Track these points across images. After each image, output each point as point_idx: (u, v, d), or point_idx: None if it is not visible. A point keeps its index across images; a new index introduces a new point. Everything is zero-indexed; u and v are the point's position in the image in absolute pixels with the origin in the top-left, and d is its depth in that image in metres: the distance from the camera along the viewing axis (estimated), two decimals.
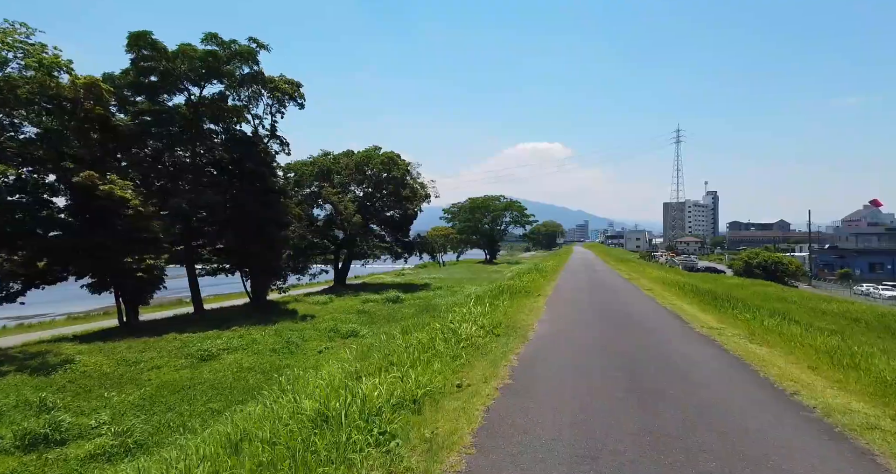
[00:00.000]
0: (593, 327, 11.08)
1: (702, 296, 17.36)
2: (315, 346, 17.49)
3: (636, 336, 9.92)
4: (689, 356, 8.03)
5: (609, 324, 11.66)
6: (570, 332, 10.31)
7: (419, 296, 33.17)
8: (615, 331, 10.62)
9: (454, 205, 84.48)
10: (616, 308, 14.96)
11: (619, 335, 10.03)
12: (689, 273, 48.54)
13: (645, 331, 10.65)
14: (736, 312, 12.69)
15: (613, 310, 14.29)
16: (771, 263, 45.15)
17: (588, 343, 9.17)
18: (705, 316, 13.04)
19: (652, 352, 8.34)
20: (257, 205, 23.56)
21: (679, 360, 7.69)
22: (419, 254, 43.68)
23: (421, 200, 39.85)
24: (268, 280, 26.78)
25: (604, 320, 12.24)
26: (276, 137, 25.27)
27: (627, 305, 15.64)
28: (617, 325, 11.39)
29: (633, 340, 9.41)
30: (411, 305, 28.44)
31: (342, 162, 38.52)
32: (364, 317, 23.88)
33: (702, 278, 34.40)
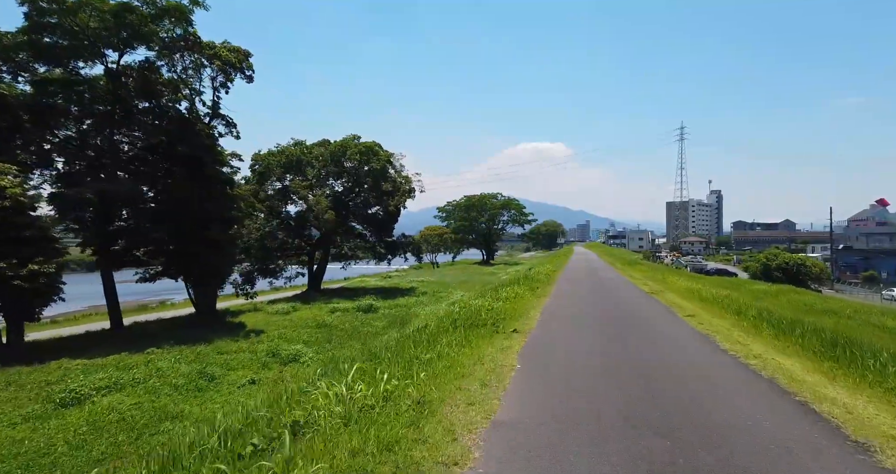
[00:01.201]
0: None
1: (791, 331, 9.04)
2: (240, 378, 13.40)
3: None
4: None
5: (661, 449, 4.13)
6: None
7: (399, 303, 29.10)
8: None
9: (449, 203, 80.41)
10: (661, 378, 6.41)
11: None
12: (702, 276, 44.48)
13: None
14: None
15: (657, 388, 5.94)
16: (792, 265, 40.96)
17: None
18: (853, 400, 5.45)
19: None
20: (196, 198, 19.53)
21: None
22: (403, 255, 39.57)
23: (405, 195, 35.72)
24: (214, 286, 22.70)
25: (644, 428, 4.61)
26: (220, 116, 21.17)
27: (680, 368, 7.02)
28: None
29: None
30: (385, 316, 24.40)
31: (316, 152, 34.43)
32: (322, 332, 19.79)
33: (720, 283, 30.27)
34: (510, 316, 11.87)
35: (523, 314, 12.53)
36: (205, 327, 20.02)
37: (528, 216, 79.24)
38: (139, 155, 19.80)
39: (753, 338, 9.27)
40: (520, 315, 12.28)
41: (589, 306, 14.78)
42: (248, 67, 20.82)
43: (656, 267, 42.82)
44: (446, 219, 79.79)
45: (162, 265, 20.81)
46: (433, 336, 8.82)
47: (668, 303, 15.53)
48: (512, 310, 12.89)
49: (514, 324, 10.73)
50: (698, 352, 8.26)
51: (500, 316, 11.56)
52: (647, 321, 11.83)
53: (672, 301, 15.94)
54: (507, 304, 13.81)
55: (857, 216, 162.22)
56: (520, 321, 11.29)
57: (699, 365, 7.25)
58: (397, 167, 36.59)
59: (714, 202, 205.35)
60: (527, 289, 18.65)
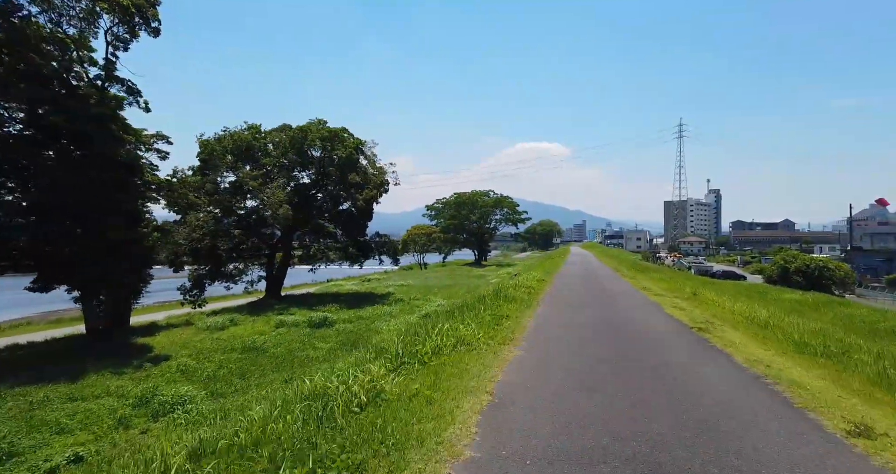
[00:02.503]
0: None
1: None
2: (61, 450, 8.80)
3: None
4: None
5: None
6: None
7: (363, 314, 24.52)
8: None
9: (438, 201, 75.85)
10: None
11: None
12: (714, 280, 40.17)
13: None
14: None
15: None
16: (813, 268, 36.66)
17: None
18: None
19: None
20: (85, 188, 14.93)
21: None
22: (378, 257, 34.98)
23: (377, 189, 31.13)
24: (118, 298, 18.03)
25: None
26: (117, 80, 16.48)
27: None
28: None
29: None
30: (339, 332, 19.83)
31: (273, 138, 29.78)
32: (246, 359, 15.18)
33: (743, 291, 25.89)
34: (469, 364, 5.99)
35: (493, 358, 6.64)
36: (94, 353, 15.41)
37: (521, 214, 74.74)
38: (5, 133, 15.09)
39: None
40: (488, 362, 6.39)
41: (592, 352, 7.66)
42: (154, 17, 16.16)
43: (673, 273, 36.76)
44: (435, 218, 75.30)
45: (42, 272, 16.14)
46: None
47: (721, 345, 8.08)
48: (470, 364, 6.39)
49: (479, 372, 5.29)
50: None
51: (453, 367, 5.79)
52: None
53: (758, 357, 7.49)
54: (420, 379, 5.95)
55: (857, 216, 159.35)
56: (486, 368, 5.80)
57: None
58: (369, 155, 32.04)
59: (713, 202, 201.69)
60: (490, 318, 10.48)
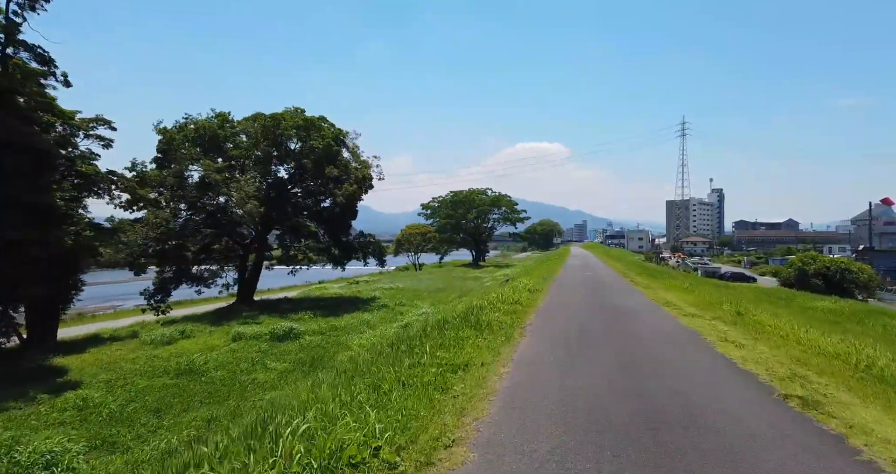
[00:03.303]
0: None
1: None
2: None
3: None
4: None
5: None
6: None
7: (338, 323, 21.78)
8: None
9: (434, 200, 73.11)
10: None
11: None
12: (716, 281, 37.47)
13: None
14: None
15: None
16: (835, 271, 33.87)
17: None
18: None
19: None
20: None
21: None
22: (362, 258, 32.24)
23: (359, 184, 28.35)
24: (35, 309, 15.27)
25: None
26: (25, 47, 13.72)
27: None
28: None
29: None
30: (300, 348, 17.08)
31: (245, 128, 27.02)
32: (171, 387, 12.42)
33: (764, 296, 23.16)
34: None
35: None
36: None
37: (520, 213, 71.97)
38: None
39: None
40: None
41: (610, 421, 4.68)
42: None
43: (690, 278, 30.31)
44: (431, 217, 72.55)
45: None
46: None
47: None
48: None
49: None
50: None
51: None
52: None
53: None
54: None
55: (862, 216, 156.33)
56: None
57: None
58: (351, 147, 29.31)
59: (715, 201, 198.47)
60: (434, 375, 5.97)
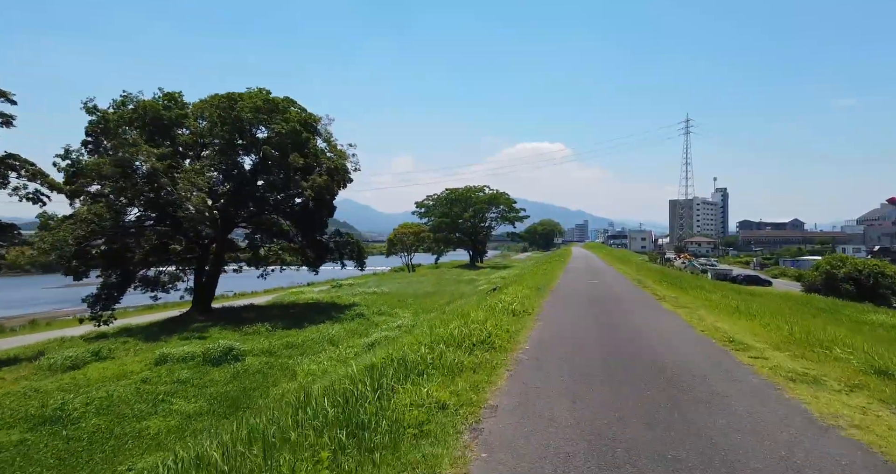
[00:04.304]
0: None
1: None
2: None
3: None
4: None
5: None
6: None
7: (296, 339, 18.26)
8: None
9: (429, 197, 69.58)
10: None
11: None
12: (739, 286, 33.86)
13: None
14: None
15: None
16: (867, 274, 30.30)
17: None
18: None
19: None
20: None
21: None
22: (339, 260, 28.73)
23: (333, 176, 24.80)
24: None
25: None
26: None
27: None
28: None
29: None
30: (231, 377, 13.56)
31: (200, 112, 23.48)
32: (9, 450, 8.93)
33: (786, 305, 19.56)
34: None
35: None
36: None
37: (518, 212, 68.40)
38: None
39: None
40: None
41: None
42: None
43: (720, 287, 23.50)
44: (425, 216, 69.01)
45: None
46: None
47: None
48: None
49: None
50: None
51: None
52: None
53: None
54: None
55: (868, 216, 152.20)
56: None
57: None
58: (323, 134, 25.79)
59: (719, 201, 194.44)
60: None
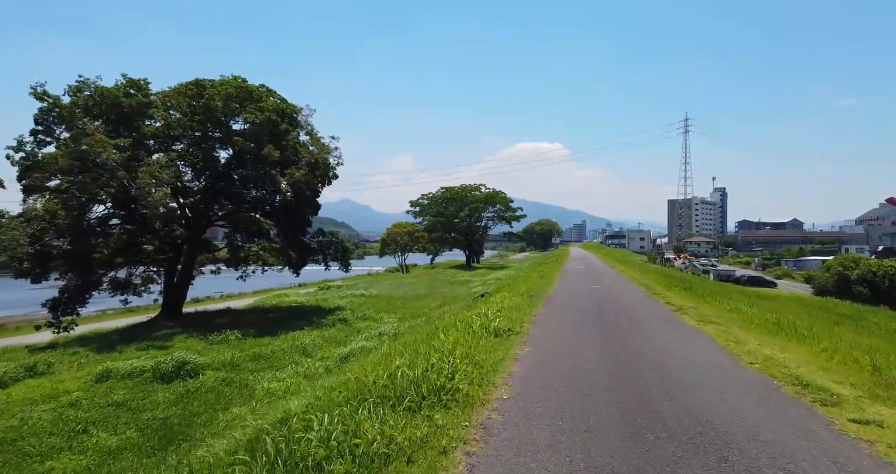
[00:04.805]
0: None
1: None
2: None
3: None
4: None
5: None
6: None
7: (266, 349, 16.43)
8: None
9: (424, 196, 67.76)
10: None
11: None
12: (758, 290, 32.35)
13: None
14: None
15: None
16: (882, 276, 28.66)
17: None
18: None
19: None
20: None
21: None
22: (323, 261, 26.92)
23: (313, 169, 22.97)
24: None
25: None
26: None
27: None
28: None
29: None
30: (177, 399, 11.70)
31: (169, 100, 21.61)
32: None
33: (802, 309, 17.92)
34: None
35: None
36: None
37: (515, 211, 66.65)
38: None
39: None
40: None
41: None
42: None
43: (740, 292, 22.28)
44: (420, 215, 67.23)
45: None
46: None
47: None
48: None
49: None
50: None
51: None
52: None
53: None
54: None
55: (867, 215, 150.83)
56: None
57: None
58: (304, 125, 23.96)
59: (718, 200, 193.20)
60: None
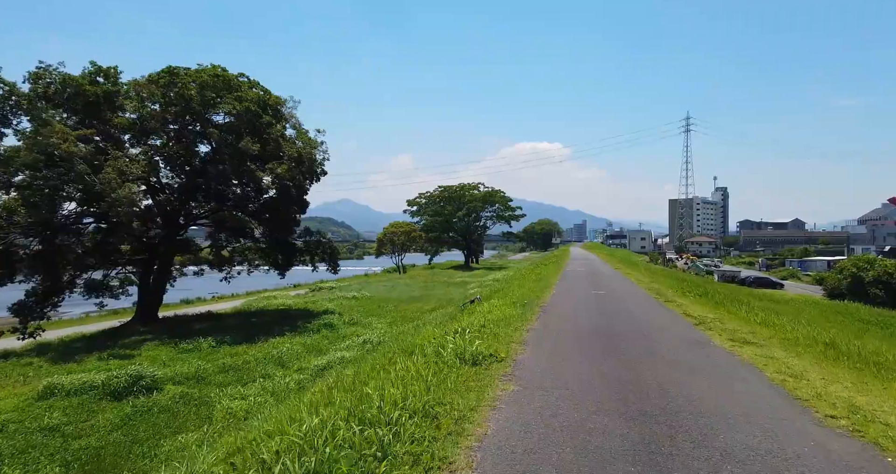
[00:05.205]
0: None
1: None
2: None
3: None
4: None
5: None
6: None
7: (237, 359, 15.01)
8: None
9: (421, 195, 66.30)
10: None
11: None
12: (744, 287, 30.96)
13: None
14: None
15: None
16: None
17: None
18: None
19: None
20: None
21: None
22: (311, 262, 25.50)
23: (299, 164, 21.55)
24: None
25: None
26: None
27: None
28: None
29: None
30: (123, 421, 10.24)
31: (142, 90, 20.16)
32: None
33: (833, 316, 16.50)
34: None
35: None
36: None
37: (514, 210, 65.18)
38: None
39: None
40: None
41: None
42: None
43: (766, 300, 20.99)
44: (418, 215, 65.77)
45: None
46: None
47: None
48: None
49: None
50: None
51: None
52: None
53: None
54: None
55: (869, 215, 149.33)
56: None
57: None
58: (287, 117, 22.53)
59: (719, 200, 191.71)
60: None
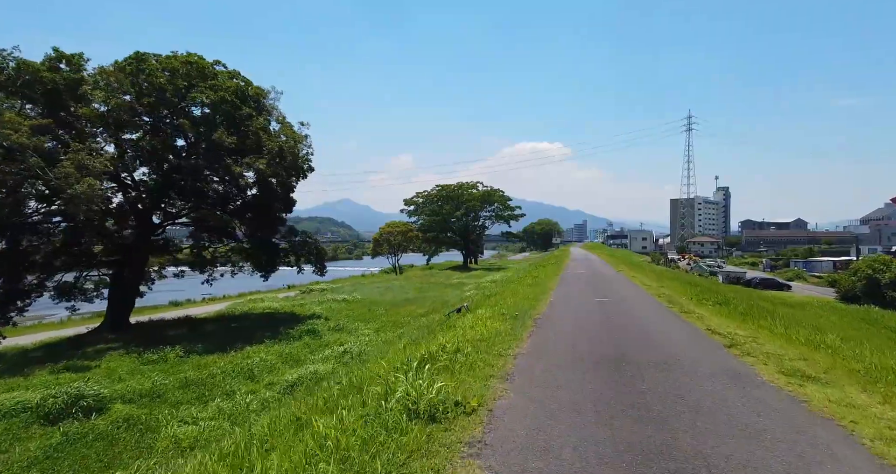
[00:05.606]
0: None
1: None
2: None
3: None
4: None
5: None
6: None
7: (203, 371, 13.55)
8: None
9: (419, 194, 64.80)
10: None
11: None
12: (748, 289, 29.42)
13: None
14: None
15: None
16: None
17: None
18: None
19: None
20: None
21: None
22: (296, 264, 24.03)
23: (282, 159, 20.06)
24: None
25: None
26: None
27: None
28: None
29: None
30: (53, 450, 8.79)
31: (102, 77, 18.55)
32: None
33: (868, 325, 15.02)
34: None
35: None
36: None
37: (513, 210, 63.66)
38: None
39: None
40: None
41: None
42: None
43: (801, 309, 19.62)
44: (415, 214, 64.29)
45: None
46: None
47: None
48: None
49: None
50: None
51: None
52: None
53: None
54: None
55: (872, 215, 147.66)
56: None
57: None
58: (270, 109, 21.02)
59: (721, 200, 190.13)
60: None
